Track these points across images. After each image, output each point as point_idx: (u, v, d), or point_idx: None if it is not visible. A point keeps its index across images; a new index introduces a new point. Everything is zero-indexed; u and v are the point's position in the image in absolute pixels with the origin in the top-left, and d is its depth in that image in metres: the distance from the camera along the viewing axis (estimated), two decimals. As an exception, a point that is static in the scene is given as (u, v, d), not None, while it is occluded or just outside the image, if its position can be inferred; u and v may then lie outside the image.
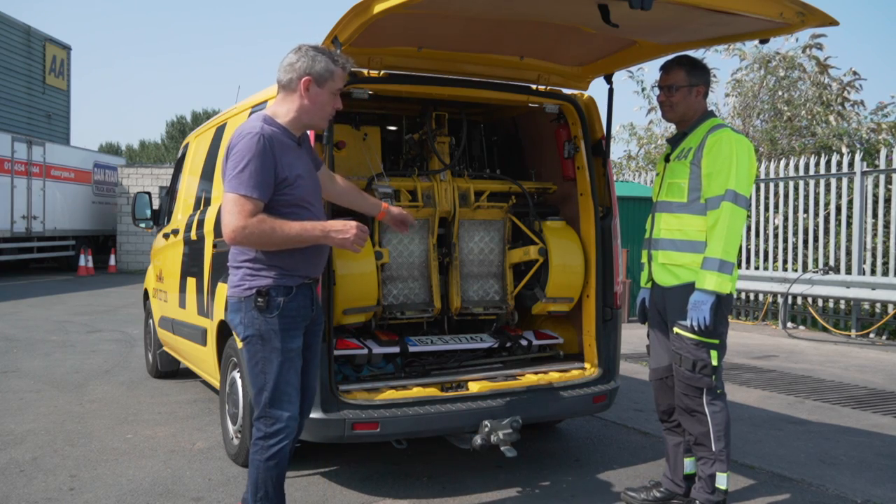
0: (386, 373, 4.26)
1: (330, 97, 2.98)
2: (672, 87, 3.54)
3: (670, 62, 3.60)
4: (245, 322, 2.94)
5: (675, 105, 3.55)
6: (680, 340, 3.45)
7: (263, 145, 2.82)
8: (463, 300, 4.64)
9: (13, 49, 22.09)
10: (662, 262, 3.55)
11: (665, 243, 3.54)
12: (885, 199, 10.74)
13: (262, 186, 2.81)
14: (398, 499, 3.86)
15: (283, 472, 3.02)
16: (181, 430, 5.12)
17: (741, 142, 3.39)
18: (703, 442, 3.46)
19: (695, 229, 3.43)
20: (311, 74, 2.91)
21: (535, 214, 4.67)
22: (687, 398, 3.48)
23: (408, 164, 4.82)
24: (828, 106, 14.71)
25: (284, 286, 2.93)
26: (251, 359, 2.96)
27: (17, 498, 3.84)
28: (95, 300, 13.63)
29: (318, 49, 2.96)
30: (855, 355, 8.82)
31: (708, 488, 3.47)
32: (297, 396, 3.00)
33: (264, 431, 2.94)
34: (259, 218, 2.79)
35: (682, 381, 3.48)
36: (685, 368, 3.44)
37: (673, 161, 3.56)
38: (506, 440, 3.77)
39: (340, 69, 2.96)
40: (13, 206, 17.90)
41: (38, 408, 5.70)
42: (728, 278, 3.31)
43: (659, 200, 3.62)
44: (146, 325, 7.08)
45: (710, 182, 3.35)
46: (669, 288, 3.52)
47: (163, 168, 22.08)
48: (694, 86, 3.52)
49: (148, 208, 7.00)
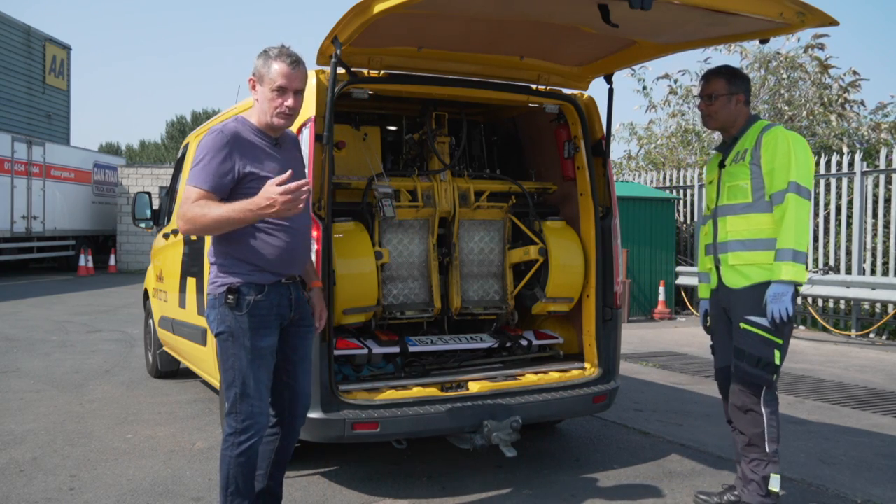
0: (386, 373, 4.26)
1: (271, 94, 2.92)
2: (712, 96, 3.58)
3: (710, 72, 3.65)
4: (217, 319, 2.96)
5: (715, 114, 3.60)
6: (746, 336, 3.45)
7: (221, 140, 2.86)
8: (463, 300, 4.64)
9: (13, 49, 22.09)
10: (733, 264, 3.53)
11: (735, 245, 3.53)
12: (885, 199, 10.74)
13: (213, 178, 2.84)
14: (398, 499, 3.86)
15: (254, 468, 3.03)
16: (181, 430, 5.12)
17: (795, 137, 3.42)
18: (757, 443, 3.45)
19: (763, 227, 3.44)
20: (254, 74, 2.98)
21: (535, 214, 4.67)
22: (744, 395, 3.48)
23: (408, 164, 4.83)
24: (828, 106, 14.72)
25: (256, 284, 2.93)
26: (222, 355, 2.98)
27: (17, 498, 3.84)
28: (95, 300, 13.63)
29: (266, 49, 2.98)
30: (855, 355, 8.82)
31: (761, 490, 3.43)
32: (267, 394, 3.01)
33: (234, 427, 2.95)
34: (199, 203, 2.81)
35: (741, 378, 3.48)
36: (747, 364, 3.44)
37: (730, 165, 3.58)
38: (506, 440, 3.78)
39: (275, 62, 2.92)
40: (13, 206, 17.89)
41: (38, 408, 5.70)
42: (802, 268, 3.31)
43: (720, 205, 3.62)
44: (146, 325, 7.08)
45: (772, 178, 3.38)
46: (739, 289, 3.51)
47: (163, 168, 22.08)
48: (734, 94, 3.56)
49: (148, 208, 6.99)
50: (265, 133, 2.99)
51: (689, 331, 10.70)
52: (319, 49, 3.58)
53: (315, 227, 3.62)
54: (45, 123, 23.77)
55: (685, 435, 5.09)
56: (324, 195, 3.71)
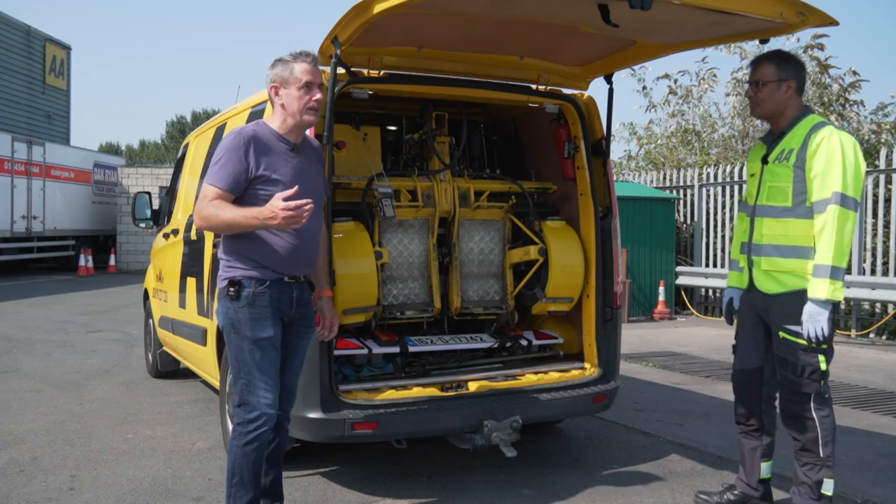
0: (386, 373, 4.26)
1: (299, 92, 3.07)
2: (759, 82, 3.40)
3: (760, 57, 3.46)
4: (221, 312, 3.09)
5: (762, 101, 3.41)
6: (787, 345, 3.30)
7: (239, 142, 3.00)
8: (463, 300, 4.64)
9: (13, 49, 22.10)
10: (766, 269, 3.39)
11: (769, 249, 3.38)
12: (885, 199, 10.74)
13: (229, 178, 2.97)
14: (398, 499, 3.86)
15: (261, 460, 3.09)
16: (181, 430, 5.12)
17: (845, 139, 3.21)
18: (811, 448, 3.31)
19: (801, 234, 3.27)
20: (275, 81, 3.11)
21: (535, 214, 4.67)
22: (793, 404, 3.33)
23: (408, 164, 4.82)
24: (828, 106, 14.71)
25: (257, 278, 3.04)
26: (229, 347, 3.10)
27: (17, 498, 3.84)
28: (95, 300, 13.63)
29: (280, 57, 3.14)
30: (855, 355, 8.82)
31: (813, 494, 3.31)
32: (274, 385, 3.08)
33: (242, 418, 3.04)
34: (214, 203, 2.95)
35: (788, 387, 3.34)
36: (792, 374, 3.29)
37: (772, 164, 3.39)
38: (506, 440, 3.78)
39: (296, 63, 3.08)
40: (13, 206, 17.90)
41: (38, 408, 5.70)
42: (840, 285, 3.15)
43: (759, 204, 3.44)
44: (146, 325, 7.08)
45: (815, 185, 3.20)
46: (774, 295, 3.37)
47: (163, 168, 22.08)
48: (783, 80, 3.36)
49: (148, 208, 7.00)
50: (285, 138, 3.12)
51: (689, 331, 10.70)
52: (319, 49, 3.58)
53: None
54: (45, 123, 23.78)
55: (685, 435, 5.09)
56: (324, 195, 3.71)
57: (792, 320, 3.27)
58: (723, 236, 12.60)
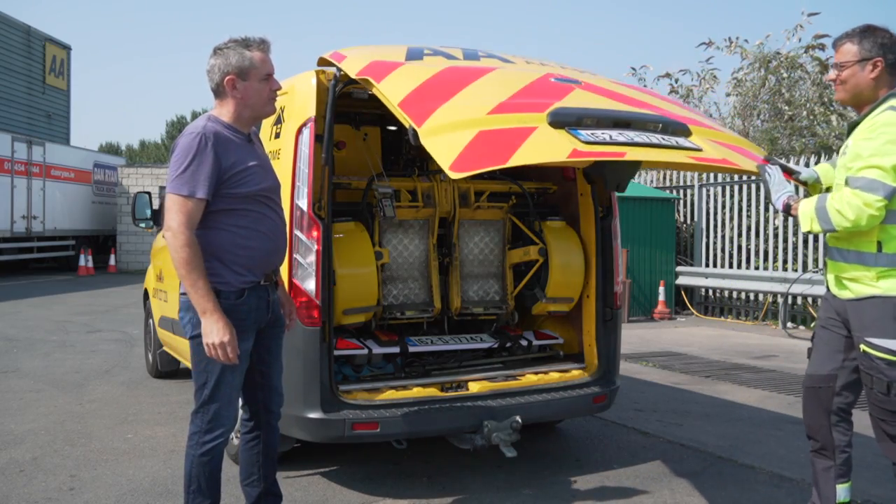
0: (386, 373, 4.26)
1: (260, 84, 2.92)
2: (839, 64, 3.03)
3: (840, 36, 3.08)
4: (193, 322, 2.89)
5: (843, 82, 3.01)
6: (869, 360, 2.92)
7: (203, 143, 2.78)
8: (463, 300, 4.64)
9: (13, 49, 22.09)
10: (834, 273, 3.09)
11: (833, 252, 3.07)
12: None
13: (203, 185, 2.77)
14: (398, 499, 3.86)
15: (218, 468, 3.02)
16: (181, 430, 5.11)
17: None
18: None
19: (863, 238, 2.91)
20: (231, 73, 2.89)
21: (535, 214, 4.67)
22: (886, 424, 2.97)
23: (408, 164, 4.82)
24: (829, 106, 14.71)
25: (235, 291, 2.88)
26: (195, 356, 2.95)
27: (17, 498, 3.84)
28: (95, 300, 13.63)
29: (229, 44, 2.92)
30: (855, 355, 8.79)
31: None
32: (237, 398, 3.03)
33: (199, 427, 2.97)
34: (192, 242, 2.73)
35: (876, 406, 2.97)
36: (878, 391, 2.92)
37: (840, 156, 3.05)
38: (506, 440, 3.77)
39: (257, 52, 2.91)
40: (13, 206, 17.89)
41: (38, 408, 5.70)
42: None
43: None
44: (146, 325, 7.08)
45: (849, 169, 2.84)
46: (849, 301, 3.01)
47: (163, 168, 22.03)
48: (866, 59, 2.94)
49: (148, 208, 6.98)
50: (238, 130, 2.96)
51: (688, 331, 10.70)
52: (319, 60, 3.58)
53: (315, 227, 3.62)
54: (45, 123, 23.77)
55: (685, 435, 5.09)
56: (324, 195, 3.71)
57: (871, 330, 2.91)
58: (723, 236, 12.60)
